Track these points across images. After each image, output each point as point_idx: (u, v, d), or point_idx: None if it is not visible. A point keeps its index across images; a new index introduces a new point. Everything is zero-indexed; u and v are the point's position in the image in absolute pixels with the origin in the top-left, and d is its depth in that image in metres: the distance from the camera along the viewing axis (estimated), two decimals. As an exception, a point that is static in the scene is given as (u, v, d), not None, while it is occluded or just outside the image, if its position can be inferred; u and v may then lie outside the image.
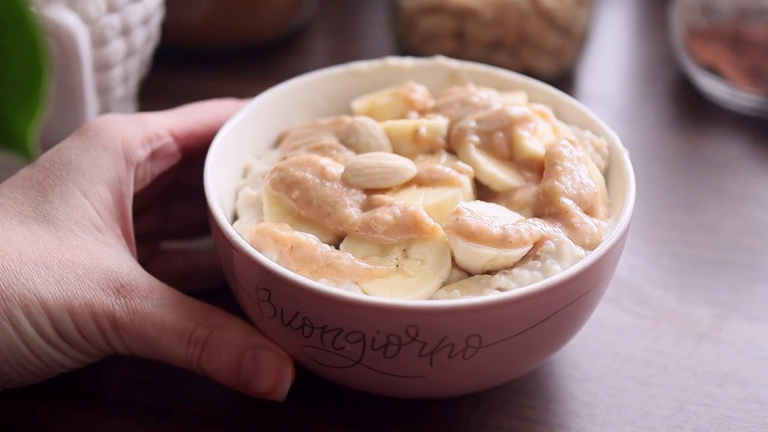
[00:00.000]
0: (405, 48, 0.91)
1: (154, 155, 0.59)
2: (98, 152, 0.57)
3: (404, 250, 0.54)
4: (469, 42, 0.87)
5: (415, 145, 0.60)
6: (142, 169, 0.59)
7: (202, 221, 0.66)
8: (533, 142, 0.59)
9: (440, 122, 0.61)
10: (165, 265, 0.64)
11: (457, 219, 0.52)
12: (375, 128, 0.60)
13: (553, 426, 0.58)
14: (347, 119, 0.61)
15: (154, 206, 0.65)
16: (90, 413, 0.58)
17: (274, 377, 0.54)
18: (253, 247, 0.53)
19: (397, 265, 0.53)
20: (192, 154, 0.61)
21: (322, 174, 0.56)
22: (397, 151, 0.60)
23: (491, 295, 0.50)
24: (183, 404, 0.59)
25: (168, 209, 0.66)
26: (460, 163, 0.58)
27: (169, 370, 0.57)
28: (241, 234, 0.54)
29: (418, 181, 0.57)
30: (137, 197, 0.60)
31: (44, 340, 0.51)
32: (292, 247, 0.53)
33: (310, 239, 0.54)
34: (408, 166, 0.57)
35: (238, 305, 0.58)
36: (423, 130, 0.60)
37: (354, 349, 0.51)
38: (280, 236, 0.54)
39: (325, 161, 0.57)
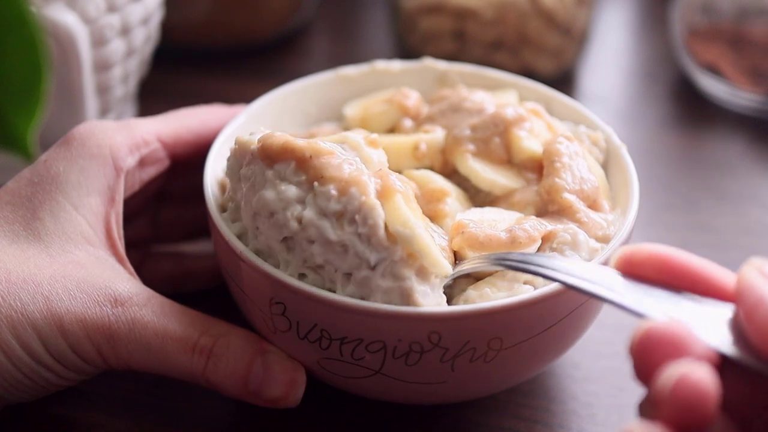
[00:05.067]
0: (405, 48, 0.91)
1: (142, 162, 0.58)
2: (86, 162, 0.56)
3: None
4: (469, 42, 0.87)
5: (415, 162, 0.60)
6: (131, 177, 0.58)
7: (193, 225, 0.66)
8: (531, 141, 0.59)
9: (438, 135, 0.60)
10: (156, 268, 0.64)
11: (463, 233, 0.52)
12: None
13: (554, 426, 0.58)
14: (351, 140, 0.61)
15: (144, 212, 0.64)
16: (91, 413, 0.58)
17: (287, 382, 0.53)
18: (263, 163, 0.52)
19: None
20: (180, 160, 0.61)
21: None
22: (396, 167, 0.60)
23: (514, 297, 0.50)
24: (185, 407, 0.59)
25: (158, 215, 0.65)
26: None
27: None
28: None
29: None
30: (127, 204, 0.59)
31: (35, 362, 0.50)
32: (311, 156, 0.51)
33: (330, 146, 0.52)
34: None
35: (232, 307, 0.57)
36: (423, 147, 0.60)
37: (374, 358, 0.51)
38: (296, 146, 0.51)
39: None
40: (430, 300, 0.50)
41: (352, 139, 0.54)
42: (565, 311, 0.52)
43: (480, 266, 0.51)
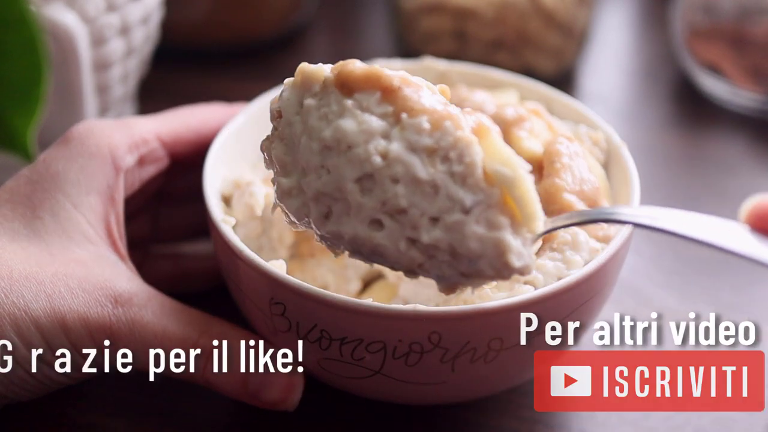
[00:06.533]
0: (405, 48, 0.91)
1: (141, 161, 0.58)
2: (85, 160, 0.56)
3: None
4: (470, 42, 0.87)
5: None
6: (131, 175, 0.58)
7: (193, 225, 0.65)
8: (531, 141, 0.59)
9: None
10: (156, 268, 0.64)
11: None
12: None
13: (554, 426, 0.58)
14: None
15: (144, 212, 0.64)
16: (90, 413, 0.58)
17: (285, 385, 0.53)
18: (340, 93, 0.47)
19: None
20: (179, 158, 0.61)
21: None
22: None
23: (514, 297, 0.50)
24: (185, 407, 0.58)
25: (157, 215, 0.65)
26: None
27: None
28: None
29: None
30: (126, 203, 0.59)
31: (37, 359, 0.50)
32: (399, 87, 0.46)
33: (418, 79, 0.48)
34: None
35: (232, 307, 0.57)
36: None
37: (374, 359, 0.50)
38: (384, 74, 0.46)
39: None
40: (523, 261, 0.46)
41: (427, 84, 0.49)
42: (566, 311, 0.51)
43: (575, 222, 0.49)
